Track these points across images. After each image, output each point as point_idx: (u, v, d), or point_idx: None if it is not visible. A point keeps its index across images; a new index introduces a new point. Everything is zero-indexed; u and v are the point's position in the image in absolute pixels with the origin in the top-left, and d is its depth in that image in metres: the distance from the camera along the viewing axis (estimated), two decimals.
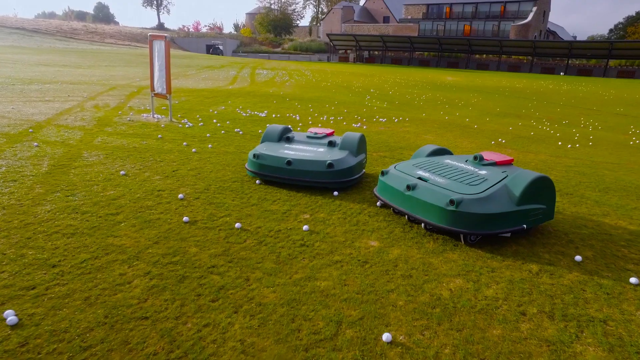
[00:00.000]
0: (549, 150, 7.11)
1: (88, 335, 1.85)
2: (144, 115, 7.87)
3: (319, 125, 7.87)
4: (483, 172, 3.15)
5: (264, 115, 8.78)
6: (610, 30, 79.39)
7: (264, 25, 69.95)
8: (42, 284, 2.20)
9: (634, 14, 72.88)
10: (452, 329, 1.99)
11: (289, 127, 4.60)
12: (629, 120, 12.05)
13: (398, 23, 64.95)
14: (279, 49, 62.25)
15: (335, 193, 3.79)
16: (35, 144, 5.11)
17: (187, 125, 7.06)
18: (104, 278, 2.30)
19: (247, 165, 4.14)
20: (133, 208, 3.31)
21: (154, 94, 7.53)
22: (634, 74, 42.77)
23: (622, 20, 77.59)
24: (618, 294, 2.37)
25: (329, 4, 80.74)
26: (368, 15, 71.92)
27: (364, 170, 4.20)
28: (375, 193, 3.42)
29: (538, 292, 2.32)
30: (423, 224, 3.02)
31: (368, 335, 1.92)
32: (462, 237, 2.85)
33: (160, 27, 72.89)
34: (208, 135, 6.31)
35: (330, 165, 3.70)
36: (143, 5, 77.12)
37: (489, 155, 3.45)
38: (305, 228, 3.01)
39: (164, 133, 6.35)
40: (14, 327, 1.88)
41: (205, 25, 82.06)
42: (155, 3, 73.65)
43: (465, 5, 58.61)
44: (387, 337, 1.88)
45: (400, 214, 3.22)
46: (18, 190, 3.52)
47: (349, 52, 59.92)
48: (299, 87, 16.58)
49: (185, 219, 3.11)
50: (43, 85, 11.86)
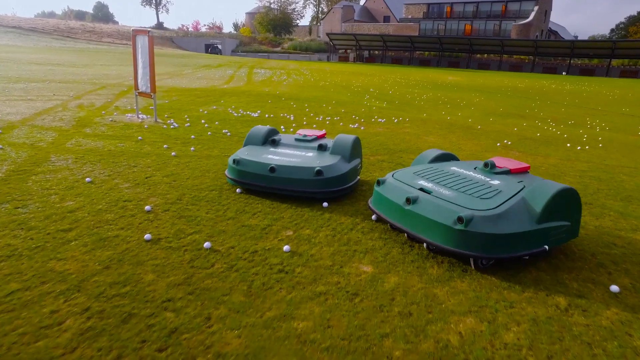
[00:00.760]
0: (559, 153, 6.66)
1: None
2: (128, 116, 7.42)
3: (314, 126, 7.42)
4: (496, 182, 2.69)
5: (257, 116, 8.33)
6: (612, 30, 78.95)
7: (264, 25, 69.50)
8: None
9: (636, 14, 72.40)
10: None
11: (275, 128, 4.14)
12: (637, 121, 11.60)
13: (398, 22, 64.53)
14: (279, 49, 61.82)
15: (325, 204, 3.33)
16: None
17: (172, 126, 6.61)
18: (29, 318, 1.85)
19: (226, 172, 3.69)
20: (90, 223, 2.85)
21: (138, 93, 7.08)
22: (637, 74, 42.28)
23: (623, 20, 77.19)
24: None
25: (329, 4, 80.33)
26: (368, 15, 71.51)
27: (359, 177, 3.74)
28: (370, 206, 2.96)
29: (571, 336, 1.86)
30: (425, 244, 2.55)
31: None
32: (472, 260, 2.39)
33: (159, 26, 72.45)
34: (192, 137, 5.86)
35: (319, 173, 3.25)
36: (142, 5, 76.66)
37: (502, 162, 2.99)
38: (286, 249, 2.55)
39: (146, 135, 5.90)
40: None
41: (204, 25, 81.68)
42: (154, 2, 73.19)
43: (466, 5, 58.16)
44: None
45: (399, 231, 2.76)
46: None
47: (349, 51, 59.47)
48: (296, 86, 16.13)
49: (147, 237, 2.65)
50: (29, 84, 11.41)
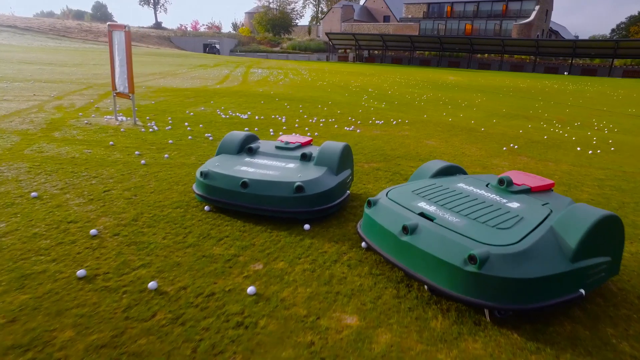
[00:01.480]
0: (570, 158, 6.13)
1: None
2: (106, 118, 6.90)
3: (306, 130, 6.89)
4: (515, 204, 2.15)
5: (246, 118, 7.81)
6: (612, 30, 78.50)
7: (263, 25, 69.01)
8: None
9: (637, 14, 71.95)
10: None
11: (254, 134, 3.61)
12: None
13: (398, 22, 64.05)
14: (278, 49, 61.34)
15: (307, 227, 2.79)
16: None
17: (151, 130, 6.09)
18: None
19: (194, 187, 3.16)
20: (15, 253, 2.33)
21: (116, 93, 6.56)
22: None
23: (624, 20, 76.71)
24: None
25: (329, 3, 79.85)
26: (368, 15, 71.02)
27: (349, 192, 3.21)
28: (359, 231, 2.44)
29: None
30: (427, 285, 2.02)
31: None
32: (486, 310, 1.87)
33: (158, 26, 71.95)
34: (170, 142, 5.34)
35: (299, 189, 2.72)
36: (140, 4, 75.96)
37: (520, 178, 2.46)
38: (251, 290, 2.02)
39: (120, 139, 5.38)
40: None
41: (203, 25, 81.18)
42: (152, 2, 72.64)
43: (467, 4, 57.63)
44: None
45: (394, 265, 2.23)
46: None
47: (349, 51, 58.95)
48: (293, 86, 15.61)
49: (81, 273, 2.13)
50: (11, 84, 10.89)
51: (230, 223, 2.81)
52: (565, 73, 44.24)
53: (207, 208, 3.05)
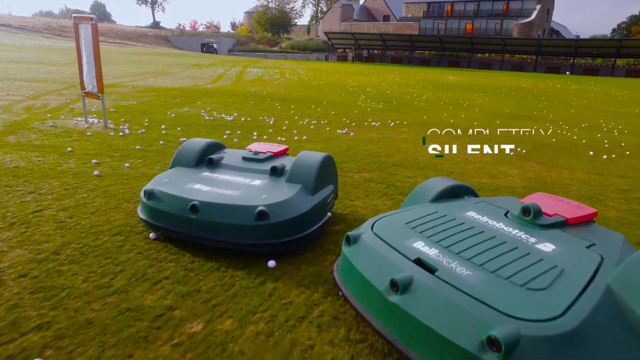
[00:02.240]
0: (584, 164, 5.55)
1: None
2: (75, 120, 6.31)
3: (294, 132, 6.29)
4: (548, 247, 1.55)
5: (231, 119, 7.22)
6: (613, 30, 77.97)
7: (261, 24, 68.44)
8: None
9: (638, 13, 71.41)
10: None
11: (219, 142, 3.01)
12: None
13: (398, 22, 63.50)
14: (277, 48, 60.82)
15: (271, 264, 2.17)
16: None
17: (121, 134, 5.49)
18: None
19: (138, 209, 2.57)
20: None
21: (84, 93, 5.96)
22: None
23: (625, 20, 76.18)
24: None
25: (329, 3, 79.29)
26: (368, 14, 70.46)
27: (330, 215, 2.61)
28: (335, 277, 1.84)
29: None
30: None
31: None
32: None
33: (156, 25, 71.36)
34: (138, 148, 4.74)
35: (262, 215, 2.12)
36: (137, 3, 75.22)
37: (549, 204, 1.85)
38: None
39: (82, 144, 4.79)
40: None
41: (202, 24, 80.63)
42: (150, 1, 72.05)
43: (467, 4, 57.07)
44: None
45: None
46: None
47: (348, 51, 58.39)
48: (288, 86, 15.03)
49: None
50: None
51: (176, 258, 2.21)
52: (568, 73, 43.65)
53: (152, 236, 2.45)
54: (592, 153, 6.31)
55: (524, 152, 6.07)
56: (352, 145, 5.58)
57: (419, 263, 1.48)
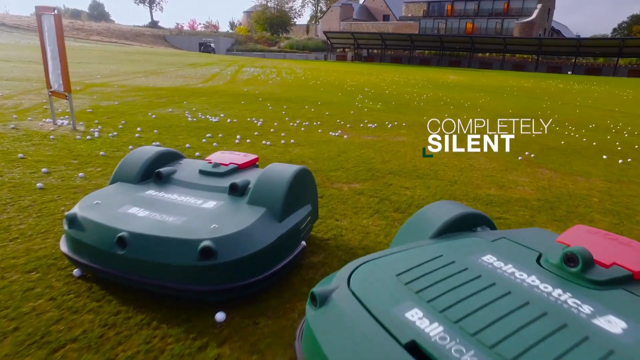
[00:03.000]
0: (600, 171, 5.03)
1: None
2: (44, 121, 5.79)
3: (282, 135, 5.77)
4: (614, 326, 0.97)
5: (216, 121, 6.69)
6: (614, 30, 77.46)
7: (260, 23, 67.96)
8: None
9: (639, 13, 70.95)
10: None
11: (174, 151, 2.48)
12: None
13: (398, 21, 63.01)
14: (275, 48, 60.35)
15: (220, 317, 1.60)
16: None
17: (89, 137, 4.97)
18: None
19: (61, 240, 2.01)
20: None
21: (50, 92, 5.44)
22: None
23: (626, 20, 75.73)
24: None
25: (328, 2, 78.80)
26: (367, 14, 69.96)
27: (304, 244, 2.08)
28: (297, 351, 1.24)
29: None
30: None
31: None
32: None
33: (154, 24, 70.84)
34: (101, 154, 4.21)
35: (207, 253, 1.60)
36: (135, 3, 74.31)
37: (599, 245, 1.27)
38: None
39: (39, 150, 4.26)
40: None
41: (200, 24, 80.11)
42: (148, 0, 71.55)
43: (468, 3, 56.52)
44: None
45: None
46: None
47: (347, 50, 57.89)
48: (283, 85, 14.51)
49: None
50: None
51: (97, 307, 1.68)
52: (569, 72, 43.15)
53: (76, 272, 1.91)
54: (605, 157, 5.80)
55: (533, 156, 5.55)
56: (344, 150, 5.06)
57: (414, 349, 0.96)
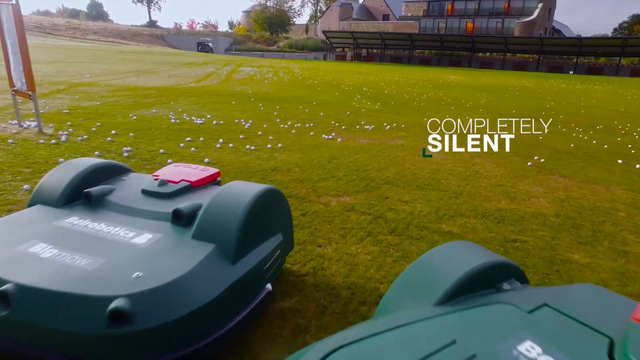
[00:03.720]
0: (619, 178, 4.56)
1: None
2: (9, 123, 5.32)
3: (270, 139, 5.28)
4: None
5: (201, 122, 6.22)
6: (615, 30, 76.93)
7: (259, 23, 67.50)
8: None
9: None
10: None
11: (117, 164, 2.00)
12: None
13: (398, 21, 62.55)
14: (274, 47, 59.92)
15: None
16: None
17: (54, 141, 4.49)
18: None
19: None
20: None
21: (14, 92, 4.97)
22: None
23: (626, 19, 75.26)
24: None
25: (328, 2, 78.33)
26: (367, 13, 69.49)
27: (269, 288, 1.60)
28: None
29: None
30: None
31: None
32: None
33: (152, 24, 70.37)
34: (61, 161, 3.75)
35: (118, 318, 1.15)
36: (133, 2, 73.67)
37: None
38: None
39: None
40: None
41: (199, 23, 79.68)
42: (146, 0, 71.10)
43: (468, 2, 56.01)
44: None
45: None
46: None
47: (347, 50, 57.44)
48: (278, 85, 14.04)
49: None
50: None
51: None
52: (571, 72, 42.69)
53: None
54: (621, 162, 5.35)
55: (543, 161, 5.09)
56: (336, 155, 4.58)
57: None
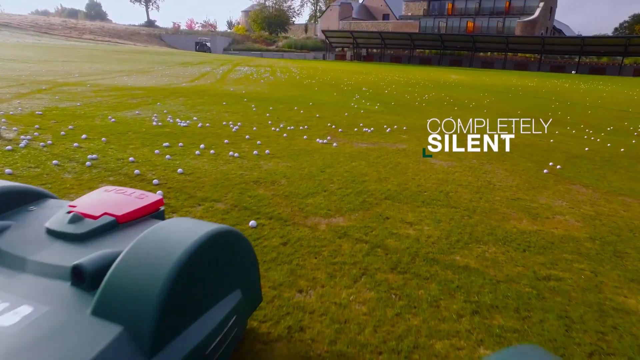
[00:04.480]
0: None
1: None
2: None
3: (258, 143, 4.76)
4: None
5: (185, 125, 5.72)
6: (615, 29, 76.39)
7: (258, 23, 66.95)
8: None
9: None
10: None
11: (30, 189, 1.47)
12: None
13: (398, 20, 62.04)
14: (273, 47, 59.38)
15: None
16: None
17: (10, 147, 3.99)
18: None
19: None
20: None
21: None
22: None
23: (627, 19, 74.69)
24: None
25: (327, 1, 77.82)
26: (367, 13, 68.96)
27: None
28: None
29: None
30: None
31: None
32: None
33: (150, 23, 69.83)
34: (8, 172, 3.24)
35: None
36: (131, 2, 72.95)
37: None
38: None
39: None
40: None
41: (198, 23, 79.16)
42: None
43: (469, 2, 55.44)
44: None
45: None
46: None
47: (346, 50, 56.90)
48: (274, 85, 13.53)
49: None
50: None
51: None
52: (573, 72, 42.17)
53: None
54: None
55: (559, 167, 4.58)
56: (330, 163, 4.07)
57: None
